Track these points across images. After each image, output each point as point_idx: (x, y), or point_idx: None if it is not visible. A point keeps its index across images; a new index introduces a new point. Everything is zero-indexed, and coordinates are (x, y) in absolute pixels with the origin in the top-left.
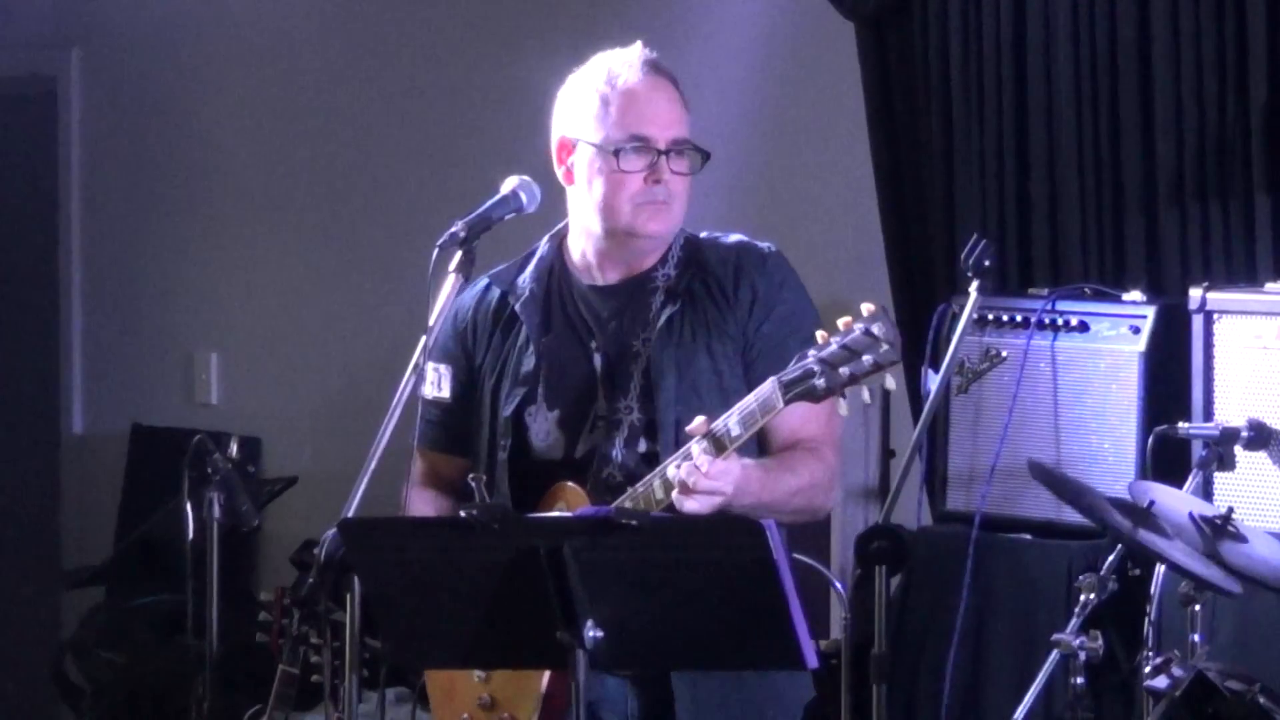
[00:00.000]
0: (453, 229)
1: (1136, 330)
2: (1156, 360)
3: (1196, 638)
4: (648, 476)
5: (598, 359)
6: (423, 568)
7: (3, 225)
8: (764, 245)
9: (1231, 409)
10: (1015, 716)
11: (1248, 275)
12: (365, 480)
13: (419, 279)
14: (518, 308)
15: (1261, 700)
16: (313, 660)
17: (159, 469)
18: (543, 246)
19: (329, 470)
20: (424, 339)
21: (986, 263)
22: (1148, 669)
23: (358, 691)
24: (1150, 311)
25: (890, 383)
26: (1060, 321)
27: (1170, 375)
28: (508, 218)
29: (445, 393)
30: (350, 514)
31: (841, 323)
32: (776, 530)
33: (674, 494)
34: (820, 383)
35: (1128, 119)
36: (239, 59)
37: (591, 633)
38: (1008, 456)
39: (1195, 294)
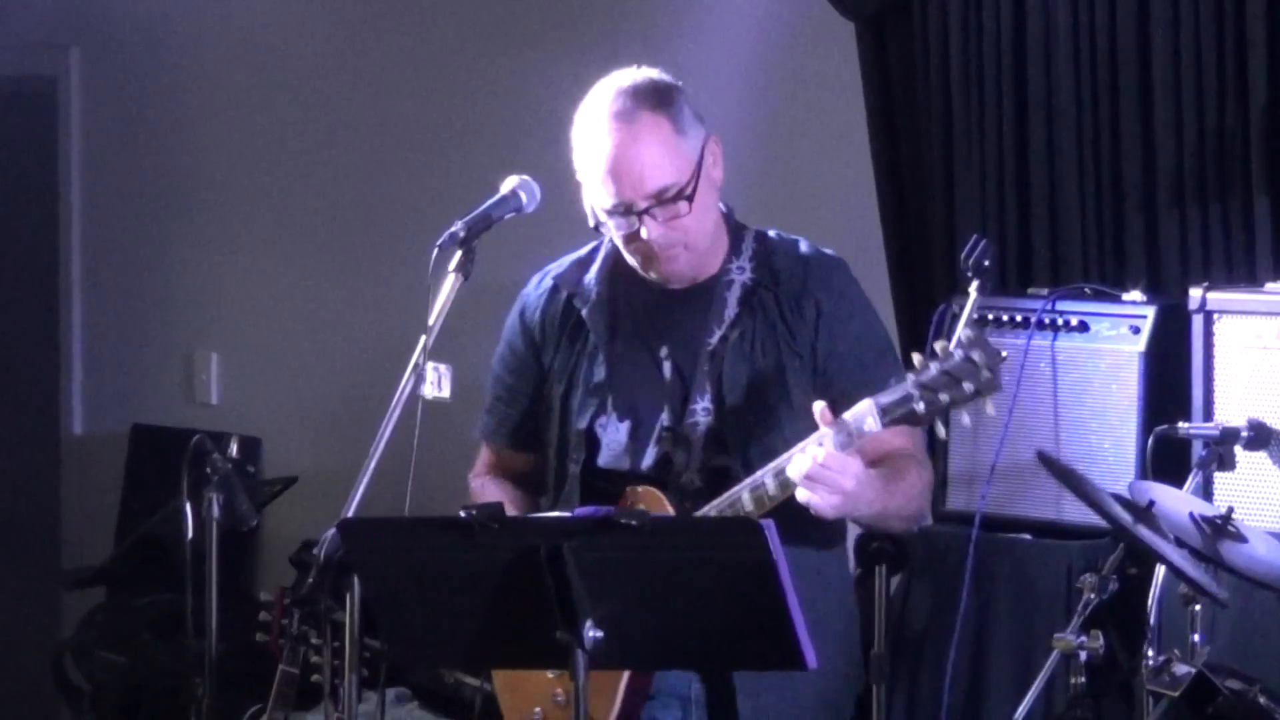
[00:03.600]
0: (453, 229)
1: (1136, 330)
2: (1156, 360)
3: (1196, 638)
4: (752, 478)
5: (667, 366)
6: (423, 568)
7: (3, 225)
8: (831, 256)
9: (1231, 409)
10: (1015, 716)
11: (1248, 275)
12: (365, 480)
13: (419, 279)
14: (585, 313)
15: (1261, 700)
16: (313, 660)
17: (159, 469)
18: (606, 244)
19: (329, 470)
20: (424, 339)
21: (986, 263)
22: (1148, 669)
23: (358, 691)
24: (1150, 311)
25: (990, 409)
26: (1060, 321)
27: (1170, 375)
28: (508, 217)
29: (445, 392)
30: (350, 514)
31: (939, 347)
32: (776, 530)
33: (798, 490)
34: (920, 408)
35: (1128, 119)
36: (238, 59)
37: (591, 633)
38: (1008, 456)
39: (1195, 294)
